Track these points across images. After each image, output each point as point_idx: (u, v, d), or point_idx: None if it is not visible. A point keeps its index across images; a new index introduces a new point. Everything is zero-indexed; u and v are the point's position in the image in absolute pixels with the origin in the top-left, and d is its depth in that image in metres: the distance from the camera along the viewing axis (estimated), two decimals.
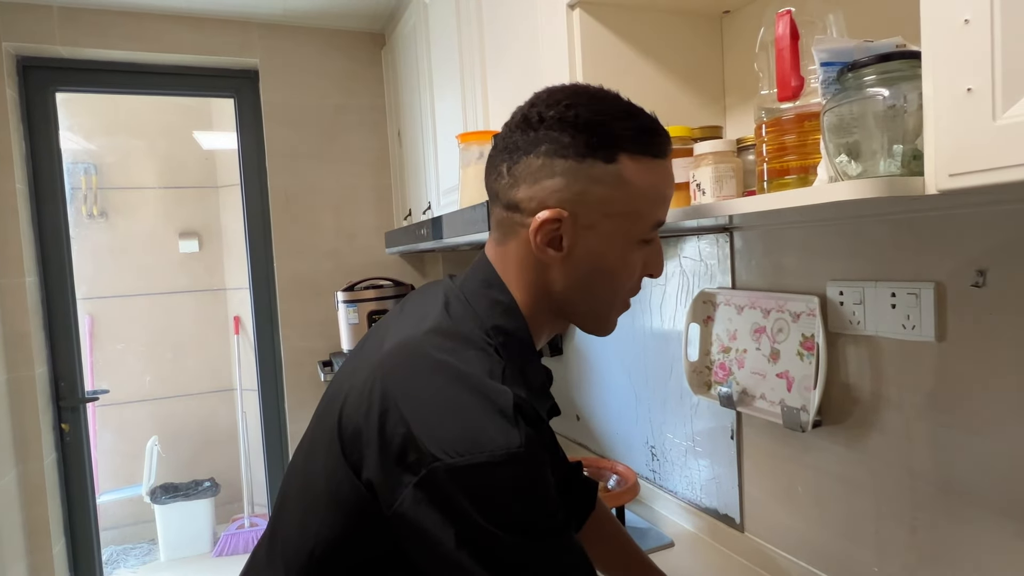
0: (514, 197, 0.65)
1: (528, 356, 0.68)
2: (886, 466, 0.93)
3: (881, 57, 0.54)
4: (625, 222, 0.65)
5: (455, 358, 0.61)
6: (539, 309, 0.69)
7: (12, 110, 1.90)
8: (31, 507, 1.94)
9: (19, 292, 1.89)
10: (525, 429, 0.57)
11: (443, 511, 0.55)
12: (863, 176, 0.56)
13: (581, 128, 0.63)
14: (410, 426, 0.57)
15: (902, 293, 0.86)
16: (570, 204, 0.63)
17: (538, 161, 0.64)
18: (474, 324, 0.66)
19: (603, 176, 0.63)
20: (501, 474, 0.55)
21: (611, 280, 0.68)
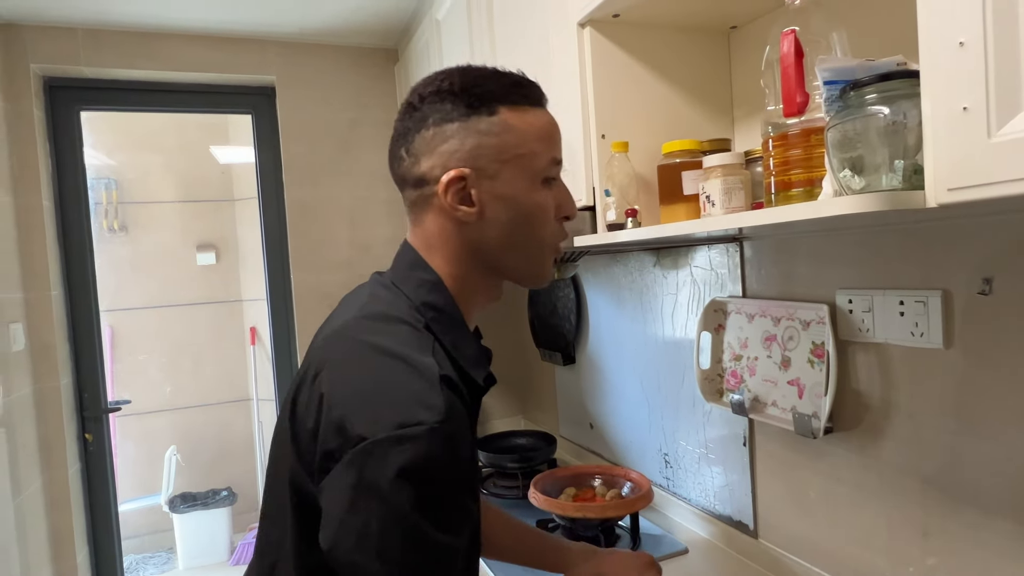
0: (418, 172, 0.70)
1: (459, 329, 0.71)
2: (897, 472, 0.94)
3: (881, 76, 0.57)
4: (522, 163, 0.70)
5: (384, 338, 0.65)
6: (469, 278, 0.73)
7: (39, 129, 1.96)
8: (56, 515, 1.98)
9: (45, 305, 1.95)
10: (449, 401, 0.60)
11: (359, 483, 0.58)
12: (866, 190, 0.58)
13: (459, 93, 0.68)
14: (343, 413, 0.61)
15: (910, 301, 0.88)
16: (469, 160, 0.68)
17: (429, 133, 0.69)
18: (403, 304, 0.70)
19: (490, 128, 0.68)
20: (423, 447, 0.57)
21: (529, 224, 0.71)
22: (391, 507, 0.57)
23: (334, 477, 0.60)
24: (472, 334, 0.74)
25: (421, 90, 0.71)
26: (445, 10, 1.73)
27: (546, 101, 0.74)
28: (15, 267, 1.87)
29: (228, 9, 1.94)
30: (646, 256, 1.49)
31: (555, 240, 0.75)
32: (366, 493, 0.58)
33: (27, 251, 1.92)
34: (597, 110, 1.06)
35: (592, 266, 1.72)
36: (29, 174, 1.92)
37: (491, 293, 0.77)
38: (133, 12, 1.91)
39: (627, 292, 1.58)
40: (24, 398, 1.87)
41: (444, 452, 0.59)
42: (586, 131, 1.07)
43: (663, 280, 1.43)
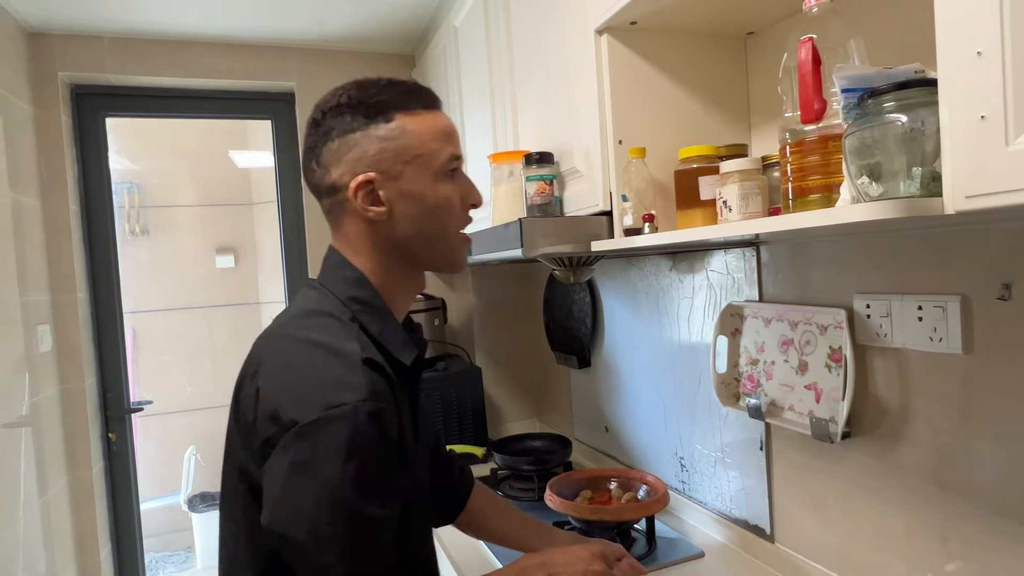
0: (329, 181, 0.77)
1: (385, 318, 0.78)
2: (916, 477, 0.94)
3: (899, 85, 0.57)
4: (422, 162, 0.77)
5: (309, 332, 0.73)
6: (390, 272, 0.80)
7: (66, 135, 2.01)
8: (80, 513, 2.02)
9: (71, 307, 1.99)
10: (372, 381, 0.67)
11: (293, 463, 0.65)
12: (884, 197, 0.59)
13: (356, 105, 0.76)
14: (276, 402, 0.68)
15: (928, 306, 0.88)
16: (374, 165, 0.75)
17: (335, 144, 0.76)
18: (330, 300, 0.77)
19: (389, 134, 0.75)
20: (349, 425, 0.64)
21: (437, 216, 0.78)
22: (321, 483, 0.64)
23: (272, 461, 0.66)
24: (399, 323, 0.80)
25: (323, 106, 0.78)
26: (463, 16, 1.75)
27: (439, 104, 0.81)
28: (43, 270, 1.92)
29: (249, 17, 1.98)
30: (662, 260, 1.50)
31: (461, 227, 0.82)
32: (299, 472, 0.64)
33: (54, 254, 1.97)
34: (614, 116, 1.07)
35: (608, 270, 1.73)
36: (57, 179, 1.97)
37: (414, 284, 0.84)
38: (157, 21, 1.95)
39: (643, 296, 1.58)
40: (50, 398, 1.91)
41: (369, 428, 0.65)
42: (603, 136, 1.09)
43: (679, 284, 1.44)
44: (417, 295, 0.86)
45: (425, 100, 0.79)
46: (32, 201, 1.87)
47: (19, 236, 1.77)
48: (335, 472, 0.63)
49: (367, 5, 1.94)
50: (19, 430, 1.72)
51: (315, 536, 0.64)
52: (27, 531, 1.71)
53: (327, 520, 0.64)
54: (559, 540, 1.04)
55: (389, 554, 0.69)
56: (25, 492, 1.71)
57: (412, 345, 0.79)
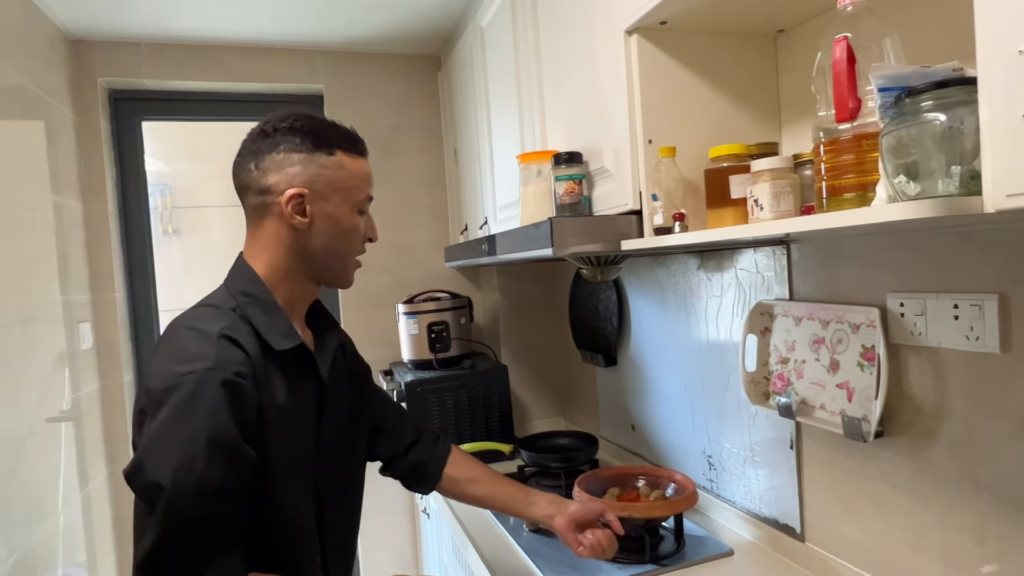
0: (265, 184, 0.89)
1: (270, 309, 0.88)
2: (951, 477, 0.93)
3: (937, 84, 0.57)
4: (348, 193, 0.91)
5: (186, 319, 0.87)
6: (288, 276, 0.91)
7: (105, 139, 2.07)
8: (119, 506, 2.09)
9: (110, 306, 2.05)
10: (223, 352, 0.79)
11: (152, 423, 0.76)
12: (922, 196, 0.59)
13: (307, 133, 0.89)
14: (148, 377, 0.81)
15: (965, 304, 0.87)
16: (309, 183, 0.88)
17: (280, 156, 0.88)
18: (219, 294, 0.90)
19: (328, 164, 0.90)
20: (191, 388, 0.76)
21: (345, 239, 0.92)
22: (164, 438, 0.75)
23: (145, 426, 0.78)
24: (285, 316, 0.90)
25: (276, 123, 0.90)
26: (489, 17, 1.77)
27: (367, 154, 0.97)
28: (83, 270, 1.98)
29: (279, 22, 2.02)
30: (690, 259, 1.50)
31: (359, 253, 0.97)
32: (151, 430, 0.76)
33: (94, 255, 2.03)
34: (644, 116, 1.08)
35: (634, 268, 1.74)
36: (96, 182, 2.03)
37: (308, 290, 0.95)
38: (192, 27, 2.00)
39: (670, 294, 1.59)
40: (91, 394, 1.97)
41: (215, 392, 0.76)
42: (633, 136, 1.09)
43: (707, 283, 1.44)
44: (310, 300, 0.98)
45: (361, 148, 0.95)
46: (73, 203, 1.94)
47: (60, 237, 1.84)
48: (174, 429, 0.75)
49: (394, 8, 1.97)
50: (61, 424, 1.78)
51: (146, 488, 0.74)
52: (68, 522, 1.77)
53: (156, 469, 0.74)
54: (539, 504, 1.14)
55: (217, 518, 0.76)
56: (66, 485, 1.78)
57: (293, 335, 0.89)
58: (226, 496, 0.77)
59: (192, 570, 0.75)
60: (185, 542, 0.75)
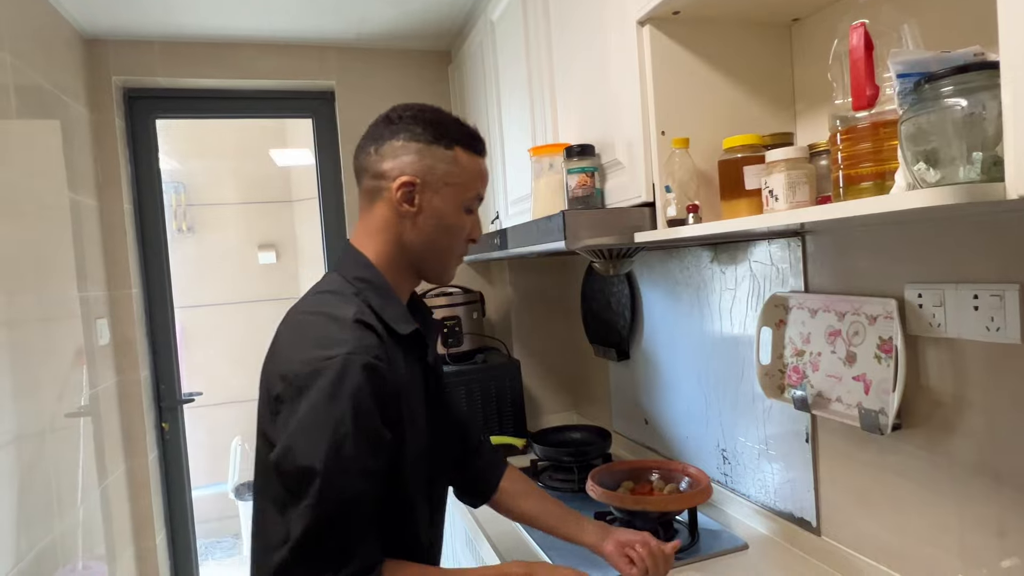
0: (381, 168, 0.90)
1: (386, 296, 0.90)
2: (970, 469, 0.92)
3: (958, 69, 0.56)
4: (458, 191, 0.91)
5: (313, 305, 0.88)
6: (393, 263, 0.92)
7: (120, 137, 2.09)
8: (137, 500, 2.12)
9: (127, 303, 2.08)
10: (360, 337, 0.80)
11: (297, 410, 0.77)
12: (942, 183, 0.58)
13: (429, 124, 0.90)
14: (283, 363, 0.83)
15: (985, 295, 0.86)
16: (421, 173, 0.89)
17: (399, 143, 0.90)
18: (337, 281, 0.91)
19: (444, 157, 0.90)
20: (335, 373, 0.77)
21: (448, 235, 0.93)
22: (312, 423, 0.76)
23: (282, 413, 0.80)
24: (401, 302, 0.92)
25: (401, 112, 0.92)
26: (500, 11, 1.76)
27: (486, 154, 0.97)
28: (100, 266, 2.01)
29: (291, 18, 2.02)
30: (703, 251, 1.49)
31: (461, 253, 0.97)
32: (296, 416, 0.77)
33: (111, 252, 2.06)
34: (657, 107, 1.07)
35: (647, 261, 1.73)
36: (111, 180, 2.06)
37: (410, 279, 0.96)
38: (204, 25, 2.02)
39: (683, 287, 1.58)
40: (108, 389, 2.00)
41: (358, 376, 0.77)
42: (646, 128, 1.09)
43: (720, 275, 1.43)
44: (413, 289, 1.00)
45: (480, 148, 0.95)
46: (89, 201, 1.96)
47: (77, 235, 1.86)
48: (322, 413, 0.76)
49: (405, 3, 1.96)
50: (79, 420, 1.81)
51: (295, 468, 0.76)
52: (88, 516, 1.80)
53: (308, 454, 0.75)
54: (588, 529, 1.09)
55: (362, 499, 0.79)
56: (85, 479, 1.80)
57: (411, 320, 0.91)
58: (370, 477, 0.80)
59: (342, 555, 0.77)
60: (336, 526, 0.76)
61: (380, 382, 0.80)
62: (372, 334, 0.82)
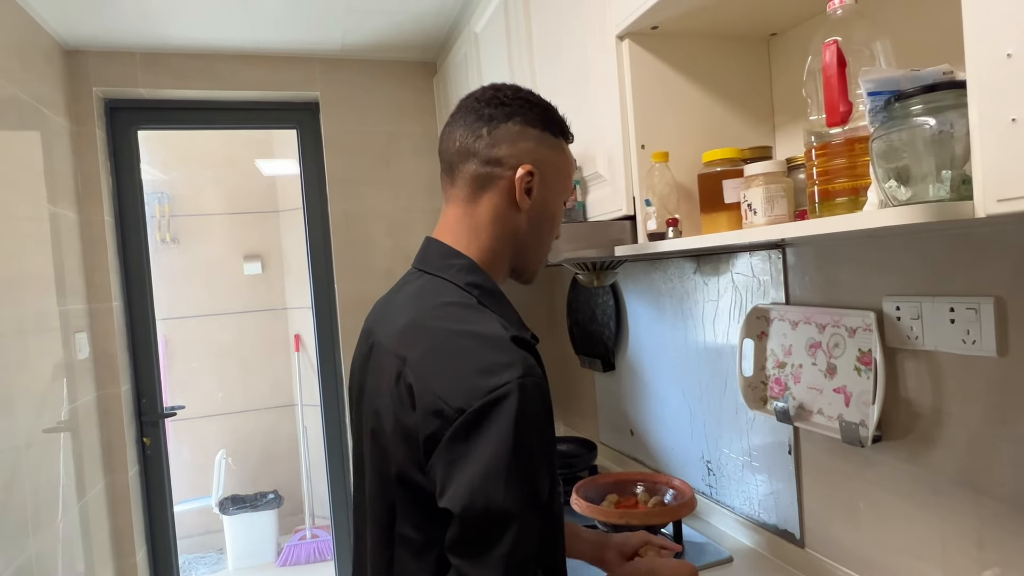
0: (495, 154, 0.80)
1: (501, 299, 0.80)
2: (950, 481, 0.92)
3: (927, 88, 0.57)
4: (563, 184, 0.85)
5: (450, 323, 0.73)
6: (496, 260, 0.82)
7: (101, 149, 2.07)
8: (117, 516, 2.08)
9: (107, 316, 2.05)
10: (524, 358, 0.69)
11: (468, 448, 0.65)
12: (912, 200, 0.58)
13: (539, 108, 0.82)
14: (435, 396, 0.68)
15: (961, 308, 0.86)
16: (538, 164, 0.80)
17: (516, 128, 0.80)
18: (450, 289, 0.78)
19: (557, 147, 0.83)
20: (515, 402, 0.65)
21: (551, 229, 0.86)
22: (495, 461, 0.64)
23: (442, 452, 0.66)
24: (512, 305, 0.83)
25: (509, 92, 0.82)
26: (483, 23, 1.77)
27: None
28: (80, 279, 1.98)
29: (275, 30, 2.02)
30: (686, 263, 1.49)
31: (550, 249, 0.90)
32: (482, 451, 0.65)
33: (90, 264, 2.03)
34: (637, 121, 1.07)
35: (631, 273, 1.73)
36: (92, 191, 2.03)
37: (503, 279, 0.87)
38: (187, 36, 2.01)
39: (667, 299, 1.58)
40: (88, 404, 1.97)
41: (535, 401, 0.67)
42: (626, 142, 1.09)
43: (703, 287, 1.43)
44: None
45: (570, 139, 0.87)
46: (69, 213, 1.94)
47: (57, 247, 1.83)
48: (510, 449, 0.65)
49: (390, 15, 1.97)
50: (59, 435, 1.78)
51: (487, 514, 0.64)
52: (67, 533, 1.76)
53: (502, 497, 0.64)
54: (583, 539, 1.06)
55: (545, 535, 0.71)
56: (64, 495, 1.77)
57: (526, 325, 0.81)
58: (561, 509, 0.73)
59: None
60: (532, 569, 0.68)
61: (549, 403, 0.71)
62: (530, 353, 0.71)
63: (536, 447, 0.67)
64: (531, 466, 0.66)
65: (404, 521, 0.73)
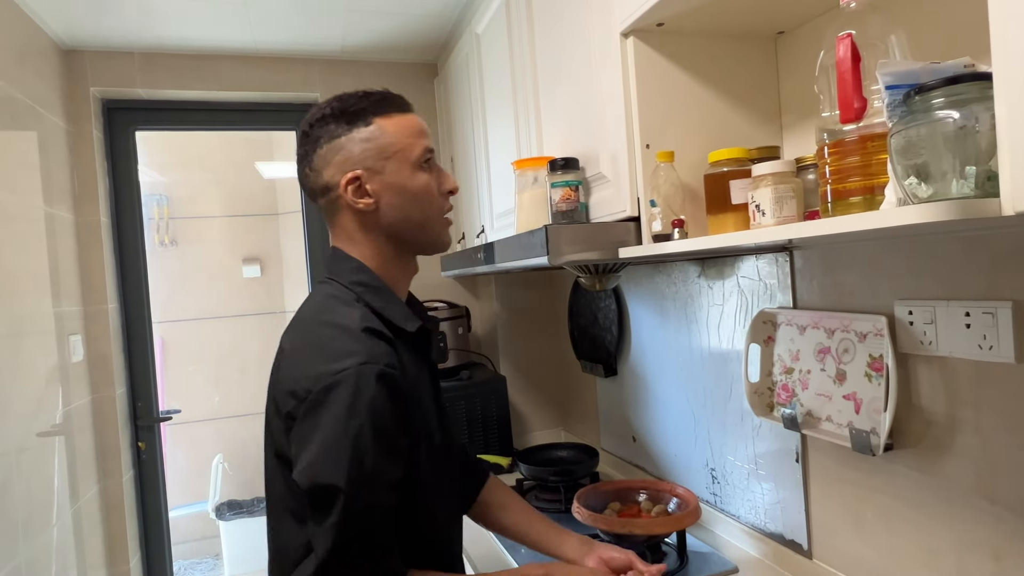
0: (322, 182, 0.88)
1: (385, 296, 0.88)
2: (965, 492, 0.89)
3: (949, 80, 0.54)
4: (400, 156, 0.87)
5: (317, 314, 0.85)
6: (385, 258, 0.90)
7: (98, 149, 2.05)
8: (111, 522, 2.05)
9: (102, 318, 2.02)
10: (371, 346, 0.78)
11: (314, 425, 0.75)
12: (934, 198, 0.56)
13: (339, 115, 0.86)
14: (292, 379, 0.80)
15: (977, 312, 0.84)
16: (359, 163, 0.86)
17: (323, 150, 0.87)
18: (336, 288, 0.88)
19: (368, 135, 0.86)
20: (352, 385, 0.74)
21: (419, 202, 0.89)
22: (331, 439, 0.74)
23: (297, 429, 0.77)
24: (401, 300, 0.91)
25: (310, 120, 0.89)
26: (485, 24, 1.74)
27: (411, 107, 0.92)
28: (75, 281, 1.95)
29: (275, 30, 2.00)
30: (690, 266, 1.46)
31: (443, 210, 0.92)
32: (314, 433, 0.75)
33: (86, 266, 2.00)
34: (641, 120, 1.05)
35: (634, 276, 1.70)
36: (88, 192, 2.01)
37: (408, 267, 0.94)
38: (186, 36, 1.99)
39: (671, 303, 1.55)
40: (82, 407, 1.94)
41: (371, 387, 0.75)
42: (630, 141, 1.06)
43: (708, 291, 1.40)
44: (412, 278, 0.97)
45: (398, 104, 0.90)
46: (65, 214, 1.91)
47: (52, 248, 1.81)
48: (341, 429, 0.74)
49: (390, 16, 1.95)
50: (53, 439, 1.75)
51: (318, 487, 0.74)
52: (60, 538, 1.73)
53: (331, 472, 0.73)
54: (570, 543, 1.05)
55: (386, 512, 0.77)
56: (58, 500, 1.74)
57: (414, 317, 0.89)
58: (393, 489, 0.78)
59: (366, 567, 0.76)
60: (361, 541, 0.75)
61: (395, 390, 0.78)
62: (382, 341, 0.80)
63: (367, 428, 0.74)
64: (359, 445, 0.74)
65: (286, 493, 0.82)
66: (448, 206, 0.93)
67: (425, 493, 0.85)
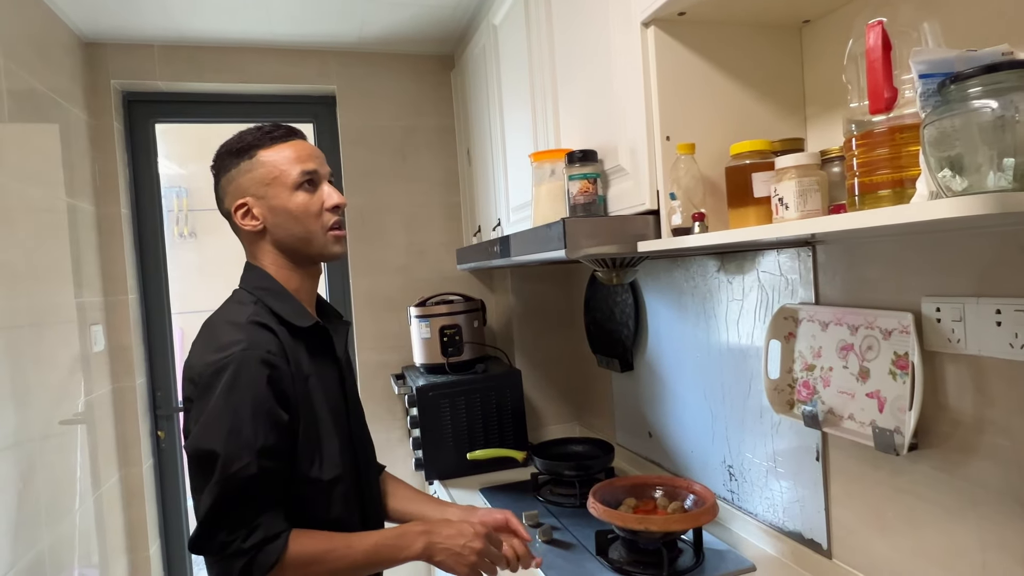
0: (224, 208, 1.03)
1: (283, 298, 1.00)
2: (992, 493, 0.87)
3: (987, 68, 0.52)
4: (279, 181, 0.98)
5: (216, 316, 0.98)
6: (285, 269, 1.02)
7: (118, 141, 2.07)
8: (131, 509, 2.08)
9: (123, 309, 2.05)
10: (253, 335, 0.91)
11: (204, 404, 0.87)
12: (969, 191, 0.54)
13: (232, 152, 1.01)
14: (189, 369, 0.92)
15: (1009, 310, 0.81)
16: (246, 192, 0.99)
17: (223, 182, 1.02)
18: (241, 293, 1.02)
19: (249, 167, 0.99)
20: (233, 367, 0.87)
21: (298, 219, 0.99)
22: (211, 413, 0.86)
23: (192, 410, 0.89)
24: (298, 301, 1.01)
25: (215, 156, 1.03)
26: (502, 15, 1.73)
27: (296, 136, 1.03)
28: (96, 272, 1.98)
29: (292, 22, 2.00)
30: (709, 261, 1.44)
31: (325, 225, 1.01)
32: (200, 410, 0.87)
33: (107, 257, 2.03)
34: (662, 111, 1.03)
35: (651, 270, 1.69)
36: (109, 184, 2.03)
37: (309, 275, 1.05)
38: (205, 28, 1.99)
39: (689, 297, 1.53)
40: (103, 396, 1.97)
41: (251, 369, 0.88)
42: (650, 133, 1.05)
43: (727, 285, 1.38)
44: (316, 282, 1.08)
45: (278, 135, 1.01)
46: (86, 205, 1.93)
47: (74, 239, 1.83)
48: (223, 403, 0.86)
49: (407, 7, 1.94)
50: (75, 427, 1.78)
51: (199, 452, 0.86)
52: (82, 524, 1.76)
53: (211, 439, 0.85)
54: (451, 511, 1.14)
55: (264, 475, 0.86)
56: (80, 487, 1.77)
57: (308, 315, 1.01)
58: (270, 455, 0.88)
59: (244, 524, 0.85)
60: (238, 500, 0.85)
61: (274, 372, 0.90)
62: (266, 331, 0.93)
63: (246, 402, 0.86)
64: (238, 417, 0.85)
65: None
66: (333, 220, 1.02)
67: (302, 464, 0.95)
